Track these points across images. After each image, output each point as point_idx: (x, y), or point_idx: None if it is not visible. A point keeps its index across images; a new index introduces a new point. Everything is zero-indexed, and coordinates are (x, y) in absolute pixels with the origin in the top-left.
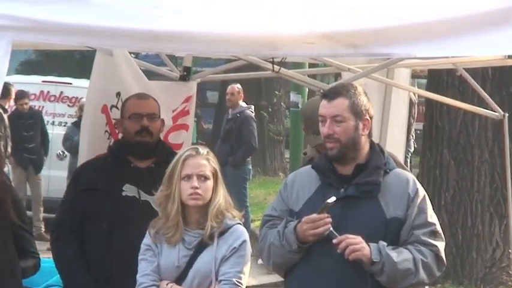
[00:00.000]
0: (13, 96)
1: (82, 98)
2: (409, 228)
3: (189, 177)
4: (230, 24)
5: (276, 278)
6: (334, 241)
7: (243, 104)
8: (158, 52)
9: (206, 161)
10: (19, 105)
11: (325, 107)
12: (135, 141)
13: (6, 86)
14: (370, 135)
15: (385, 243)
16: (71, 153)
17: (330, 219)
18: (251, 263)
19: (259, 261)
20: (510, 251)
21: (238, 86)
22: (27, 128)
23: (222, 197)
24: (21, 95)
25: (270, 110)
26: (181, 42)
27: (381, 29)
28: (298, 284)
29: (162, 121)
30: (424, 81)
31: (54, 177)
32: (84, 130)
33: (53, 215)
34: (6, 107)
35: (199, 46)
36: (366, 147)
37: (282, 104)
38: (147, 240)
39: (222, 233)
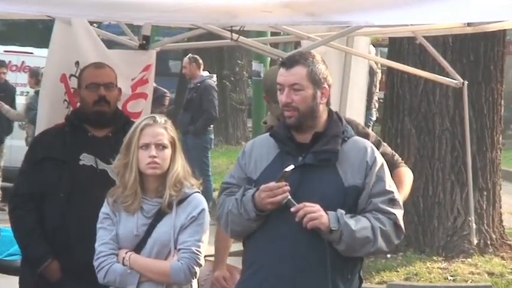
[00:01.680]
0: None
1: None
2: (367, 196)
3: (147, 146)
4: None
5: (237, 247)
6: (292, 209)
7: (205, 74)
8: (117, 21)
9: (164, 130)
10: None
11: (283, 76)
12: (93, 110)
13: None
14: (328, 103)
15: (343, 212)
16: (34, 123)
17: (288, 188)
18: (212, 231)
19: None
20: (470, 218)
21: (191, 56)
22: None
23: (181, 165)
24: (0, 64)
25: (232, 79)
26: (139, 11)
27: None
28: (256, 251)
29: (119, 90)
30: (386, 50)
31: (16, 146)
32: (43, 99)
33: (12, 184)
34: None
35: (157, 15)
36: (324, 115)
37: (245, 73)
38: (105, 209)
39: (180, 202)
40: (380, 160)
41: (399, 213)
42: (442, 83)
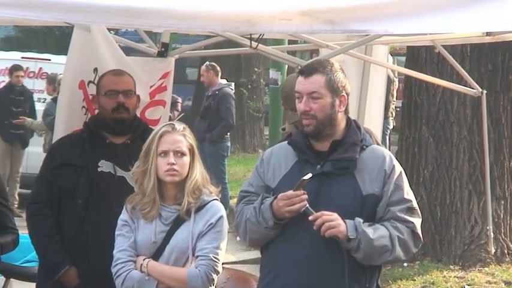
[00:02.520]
0: None
1: (60, 74)
2: (386, 205)
3: (165, 153)
4: (208, 1)
5: (254, 254)
6: (310, 218)
7: (223, 81)
8: (136, 28)
9: (182, 137)
10: (15, 76)
11: (301, 84)
12: (112, 118)
13: None
14: (346, 111)
15: (361, 220)
16: (51, 129)
17: (305, 196)
18: (230, 239)
19: (238, 237)
20: (488, 228)
21: (208, 64)
22: (17, 104)
23: (199, 172)
24: (17, 67)
25: (249, 87)
26: (159, 19)
27: (358, 6)
28: (273, 259)
29: (138, 97)
30: (404, 58)
31: (33, 153)
32: (61, 106)
33: (29, 191)
34: None
35: (177, 22)
36: (342, 123)
37: (262, 81)
38: (124, 215)
39: (199, 209)
40: (398, 168)
41: (417, 221)
42: (460, 92)
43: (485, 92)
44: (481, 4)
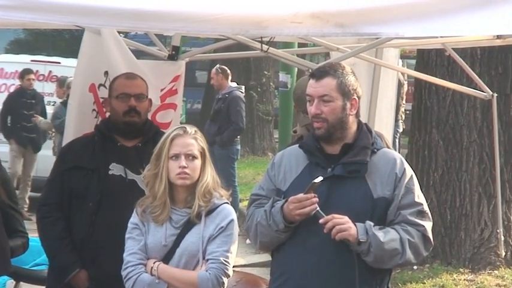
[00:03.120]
0: None
1: (70, 77)
2: (396, 208)
3: (177, 156)
4: (218, 3)
5: (264, 257)
6: (321, 221)
7: (233, 84)
8: (147, 31)
9: (194, 140)
10: (26, 80)
11: (312, 87)
12: (124, 121)
13: None
14: (357, 115)
15: (371, 223)
16: (61, 132)
17: (316, 199)
18: (239, 242)
19: (248, 240)
20: (498, 231)
21: (218, 67)
22: (28, 107)
23: (210, 176)
24: (27, 70)
25: (259, 90)
26: (169, 22)
27: (369, 9)
28: (284, 262)
29: (150, 101)
30: (413, 61)
31: (43, 156)
32: (71, 109)
33: (39, 194)
34: None
35: (187, 25)
36: (353, 126)
37: (271, 84)
38: (134, 219)
39: (209, 212)
40: (409, 172)
41: (428, 225)
42: (470, 94)
43: (495, 95)
44: (492, 7)
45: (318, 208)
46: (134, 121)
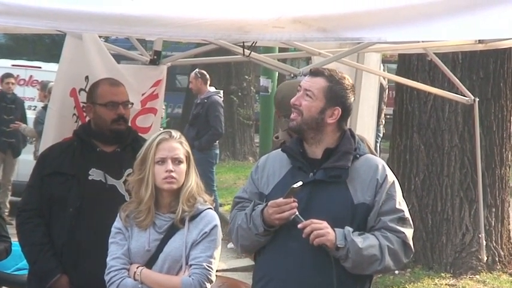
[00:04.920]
0: None
1: (51, 81)
2: (377, 214)
3: (163, 160)
4: (201, 8)
5: (245, 262)
6: (299, 226)
7: (212, 89)
8: (128, 36)
9: (179, 145)
10: (5, 84)
11: (306, 80)
12: (111, 128)
13: None
14: (341, 126)
15: (350, 229)
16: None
17: (295, 204)
18: (221, 246)
19: (229, 245)
20: (480, 235)
21: (197, 72)
22: (8, 112)
23: (194, 181)
24: (7, 74)
25: (239, 94)
26: (151, 27)
27: (351, 14)
28: (265, 266)
29: (131, 105)
30: (394, 66)
31: (23, 160)
32: (51, 114)
33: (19, 198)
34: None
35: (169, 30)
36: (333, 134)
37: (252, 88)
38: (117, 223)
39: (193, 218)
40: (391, 178)
41: (409, 232)
42: (451, 99)
43: (477, 99)
44: (473, 12)
45: (297, 213)
46: (121, 129)
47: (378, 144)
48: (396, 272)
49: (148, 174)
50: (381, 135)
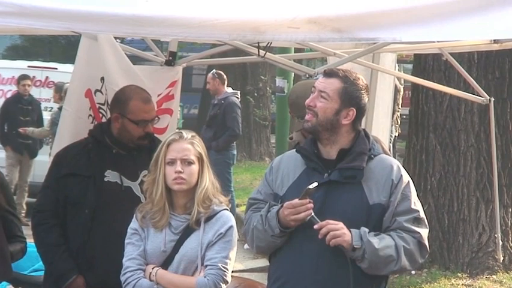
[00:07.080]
0: None
1: (67, 83)
2: (392, 215)
3: (172, 161)
4: (216, 9)
5: (262, 262)
6: (315, 227)
7: (229, 90)
8: (144, 37)
9: (190, 145)
10: (21, 85)
11: (320, 81)
12: (136, 143)
13: None
14: (356, 126)
15: (366, 230)
16: None
17: (311, 205)
18: (238, 247)
19: (246, 245)
20: (496, 235)
21: (215, 72)
22: (25, 113)
23: (209, 181)
24: (24, 76)
25: (255, 95)
26: (166, 27)
27: (366, 14)
28: (280, 268)
29: None
30: (410, 66)
31: (39, 161)
32: (66, 115)
33: (35, 199)
34: None
35: (184, 31)
36: (348, 134)
37: (268, 89)
38: (134, 224)
39: (208, 218)
40: (406, 178)
41: (424, 232)
42: (467, 99)
43: (493, 99)
44: (489, 12)
45: (313, 214)
46: (145, 144)
47: (391, 144)
48: (413, 272)
49: (159, 175)
50: (394, 135)
